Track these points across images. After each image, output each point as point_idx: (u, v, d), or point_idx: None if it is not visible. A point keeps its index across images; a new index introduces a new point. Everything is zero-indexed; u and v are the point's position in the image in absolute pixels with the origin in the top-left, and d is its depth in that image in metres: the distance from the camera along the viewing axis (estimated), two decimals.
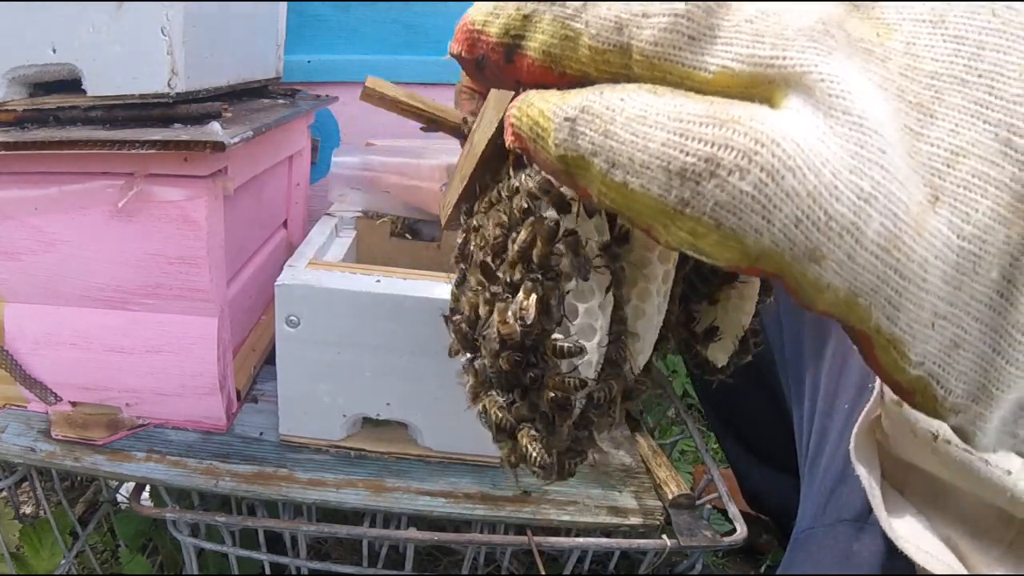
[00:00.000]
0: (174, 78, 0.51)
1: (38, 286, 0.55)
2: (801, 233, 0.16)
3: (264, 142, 0.63)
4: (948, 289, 0.17)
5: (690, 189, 0.17)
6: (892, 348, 0.18)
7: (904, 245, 0.17)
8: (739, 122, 0.16)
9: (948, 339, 0.18)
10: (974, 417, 0.19)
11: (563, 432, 0.30)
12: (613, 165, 0.18)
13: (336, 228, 0.71)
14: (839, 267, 0.17)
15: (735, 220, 0.17)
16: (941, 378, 0.18)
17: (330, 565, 0.59)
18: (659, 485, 0.61)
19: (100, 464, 0.55)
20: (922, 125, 0.17)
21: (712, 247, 0.17)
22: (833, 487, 0.48)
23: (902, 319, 0.17)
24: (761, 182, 0.16)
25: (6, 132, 0.48)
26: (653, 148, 0.17)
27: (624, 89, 0.18)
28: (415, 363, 0.56)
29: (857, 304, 0.17)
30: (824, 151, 0.16)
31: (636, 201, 0.18)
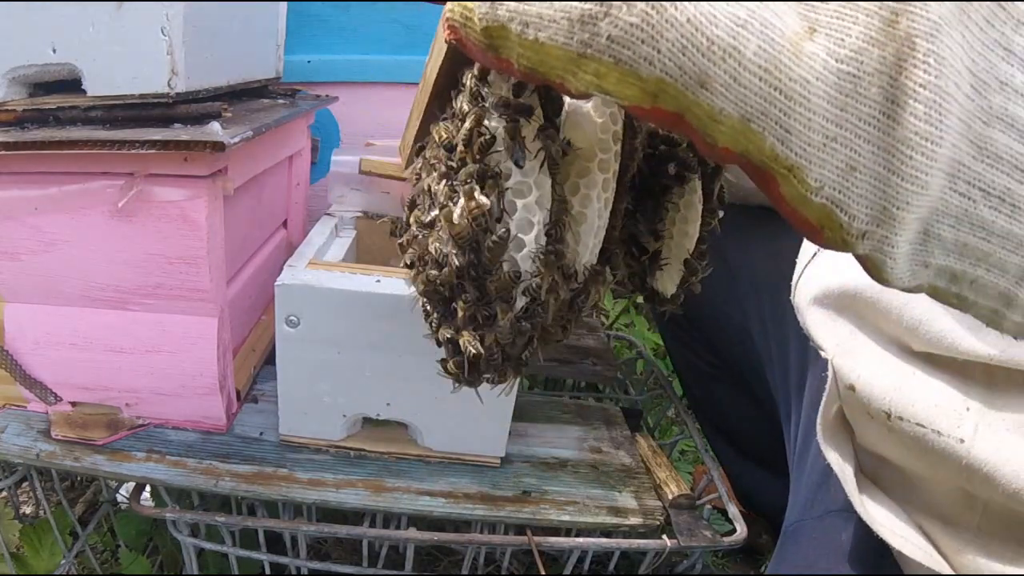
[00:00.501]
0: (174, 78, 0.51)
1: (38, 286, 0.55)
2: (687, 59, 0.18)
3: (264, 142, 0.63)
4: (834, 111, 0.19)
5: (588, 31, 0.19)
6: (792, 176, 0.19)
7: (783, 66, 0.18)
8: None
9: (843, 162, 0.19)
10: (880, 242, 0.20)
11: (505, 325, 0.32)
12: (526, 25, 0.21)
13: (336, 228, 0.71)
14: (726, 90, 0.18)
15: (628, 53, 0.19)
16: (842, 204, 0.20)
17: (330, 565, 0.59)
18: (659, 485, 0.61)
19: (100, 464, 0.55)
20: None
21: (614, 85, 0.20)
22: (820, 480, 0.48)
23: (794, 141, 0.19)
24: (646, 13, 0.18)
25: (6, 132, 0.48)
26: (557, 3, 0.20)
27: None
28: (415, 363, 0.56)
29: (751, 130, 0.19)
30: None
31: (547, 54, 0.21)
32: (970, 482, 0.36)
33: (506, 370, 0.35)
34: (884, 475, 0.43)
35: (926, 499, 0.40)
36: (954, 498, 0.39)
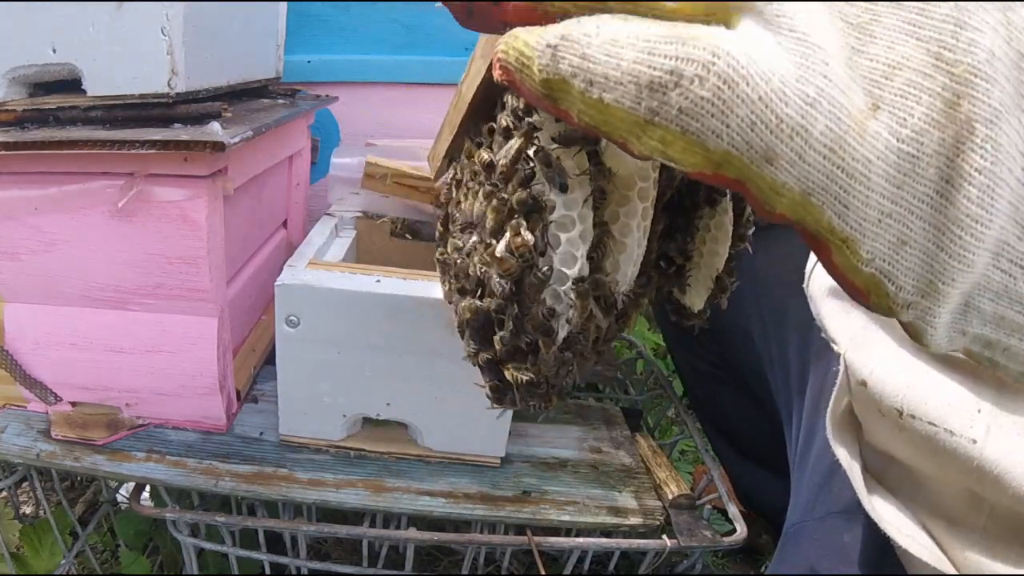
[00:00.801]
0: (174, 78, 0.51)
1: (38, 286, 0.55)
2: (756, 135, 0.18)
3: (264, 142, 0.63)
4: (891, 188, 0.19)
5: (657, 99, 0.19)
6: (846, 247, 0.20)
7: (848, 145, 0.19)
8: (698, 39, 0.19)
9: (895, 236, 0.20)
10: (924, 312, 0.21)
11: (549, 358, 0.32)
12: (590, 84, 0.20)
13: (336, 228, 0.71)
14: (791, 166, 0.19)
15: (697, 125, 0.19)
16: (891, 275, 0.20)
17: (330, 565, 0.59)
18: (659, 485, 0.61)
19: (100, 464, 0.55)
20: (862, 43, 0.19)
21: (679, 153, 0.19)
22: (822, 482, 0.48)
23: (851, 217, 0.19)
24: (718, 88, 0.18)
25: (6, 132, 0.48)
26: (625, 65, 0.19)
27: (599, 18, 0.21)
28: (415, 363, 0.56)
29: (811, 203, 0.19)
30: (773, 62, 0.18)
31: (611, 115, 0.20)
32: (980, 483, 0.36)
33: (551, 397, 0.35)
34: (890, 474, 0.43)
35: (932, 499, 0.40)
36: (961, 499, 0.39)
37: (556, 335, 0.32)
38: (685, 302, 0.40)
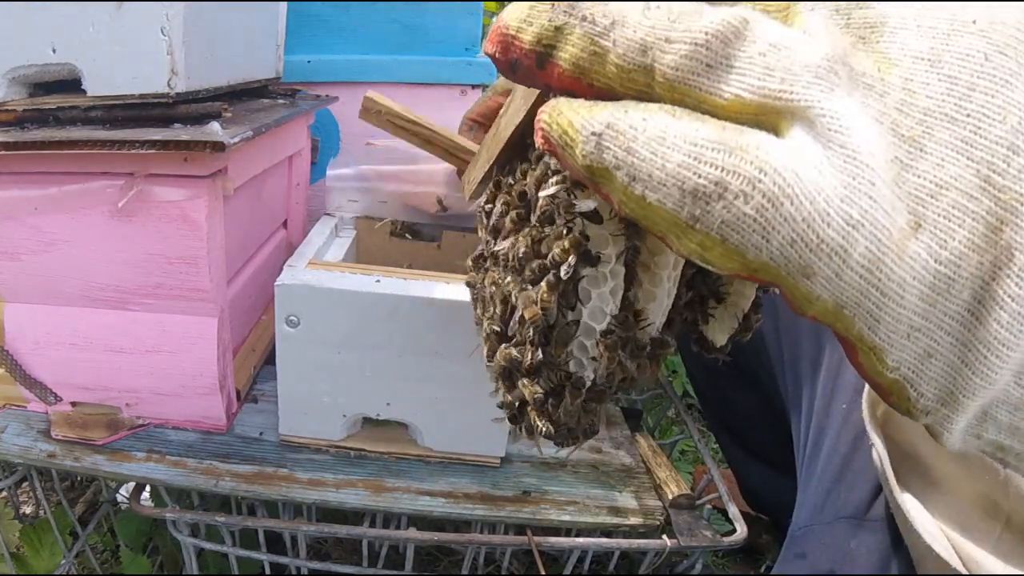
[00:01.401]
0: (174, 78, 0.51)
1: (38, 286, 0.55)
2: (795, 252, 0.18)
3: (264, 142, 0.63)
4: (923, 306, 0.19)
5: (700, 207, 0.19)
6: (872, 354, 0.20)
7: (885, 267, 0.19)
8: (746, 151, 0.18)
9: (922, 349, 0.20)
10: (942, 419, 0.21)
11: (575, 408, 0.32)
12: (634, 179, 0.20)
13: (336, 228, 0.71)
14: (827, 283, 0.19)
15: (738, 238, 0.19)
16: (915, 383, 0.20)
17: (330, 565, 0.59)
18: (659, 485, 0.61)
19: (100, 464, 0.55)
20: (912, 158, 0.19)
21: (717, 258, 0.19)
22: (831, 486, 0.48)
23: (881, 330, 0.19)
24: (762, 207, 0.18)
25: (6, 132, 0.48)
26: (670, 167, 0.19)
27: (647, 109, 0.20)
28: (415, 363, 0.56)
29: (842, 314, 0.19)
30: (820, 181, 0.18)
31: (653, 212, 0.20)
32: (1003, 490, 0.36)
33: (578, 436, 0.35)
34: (904, 472, 0.43)
35: (948, 503, 0.40)
36: (978, 505, 0.39)
37: (583, 387, 0.32)
38: (707, 334, 0.39)
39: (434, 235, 0.74)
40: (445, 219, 0.71)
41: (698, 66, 0.19)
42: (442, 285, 0.55)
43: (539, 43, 0.23)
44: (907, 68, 0.19)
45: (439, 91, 0.87)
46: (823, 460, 0.50)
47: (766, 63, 0.19)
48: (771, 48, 0.19)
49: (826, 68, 0.18)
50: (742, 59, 0.19)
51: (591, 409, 0.33)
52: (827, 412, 0.52)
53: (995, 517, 0.38)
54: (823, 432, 0.51)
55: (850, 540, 0.45)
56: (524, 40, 0.23)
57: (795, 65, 0.18)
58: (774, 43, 0.19)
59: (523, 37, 0.23)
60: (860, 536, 0.44)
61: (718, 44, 0.19)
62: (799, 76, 0.18)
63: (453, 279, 0.56)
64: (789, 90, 0.18)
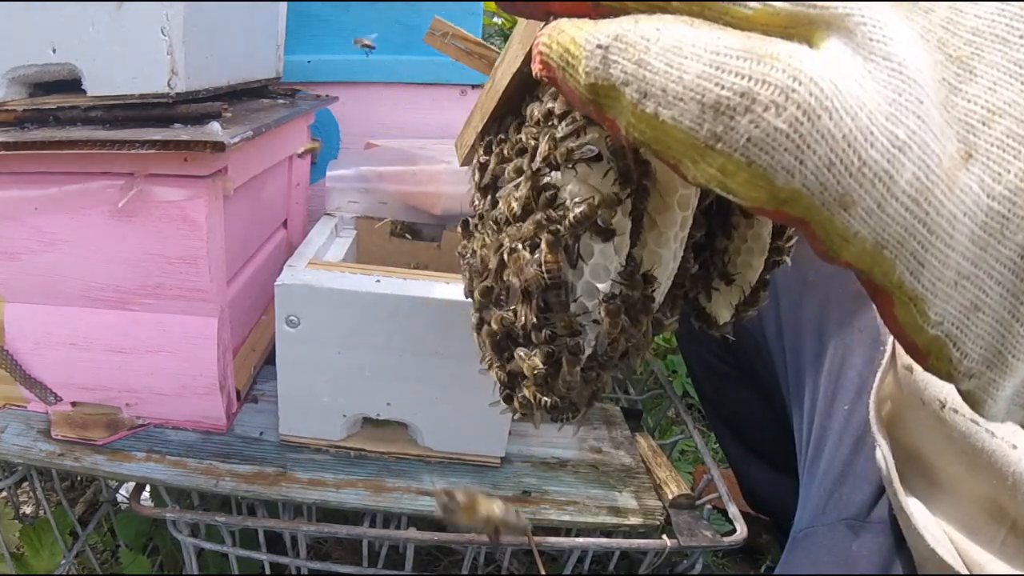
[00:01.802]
0: (174, 78, 0.51)
1: (38, 286, 0.55)
2: (833, 177, 0.16)
3: (264, 142, 0.63)
4: (974, 249, 0.17)
5: (723, 123, 0.16)
6: (913, 305, 0.18)
7: (935, 199, 0.16)
8: (777, 58, 0.16)
9: (969, 301, 0.18)
10: (987, 384, 0.19)
11: (574, 377, 0.30)
12: (645, 95, 0.17)
13: (336, 228, 0.71)
14: (868, 215, 0.16)
15: (767, 158, 0.16)
16: (958, 340, 0.18)
17: (330, 565, 0.59)
18: (659, 485, 0.61)
19: (100, 464, 0.55)
20: (960, 80, 0.17)
21: (741, 186, 0.17)
22: (833, 488, 0.48)
23: (925, 275, 0.17)
24: (797, 120, 0.16)
25: (6, 132, 0.48)
26: (688, 79, 0.17)
27: (661, 19, 0.18)
28: (415, 363, 0.56)
29: (882, 256, 0.17)
30: (861, 95, 0.16)
31: (666, 134, 0.18)
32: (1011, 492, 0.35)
33: (579, 408, 0.33)
34: (908, 473, 0.43)
35: (951, 505, 0.40)
36: (983, 508, 0.38)
37: (581, 354, 0.30)
38: (710, 310, 0.37)
39: (434, 235, 0.74)
40: (445, 219, 0.71)
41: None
42: (442, 285, 0.55)
43: None
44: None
45: (439, 91, 0.87)
46: (825, 462, 0.50)
47: None
48: None
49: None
50: None
51: (591, 379, 0.31)
52: (829, 413, 0.51)
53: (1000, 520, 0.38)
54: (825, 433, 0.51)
55: (852, 542, 0.45)
56: None
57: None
58: None
59: None
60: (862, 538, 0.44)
61: None
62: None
63: (453, 279, 0.56)
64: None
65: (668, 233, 0.30)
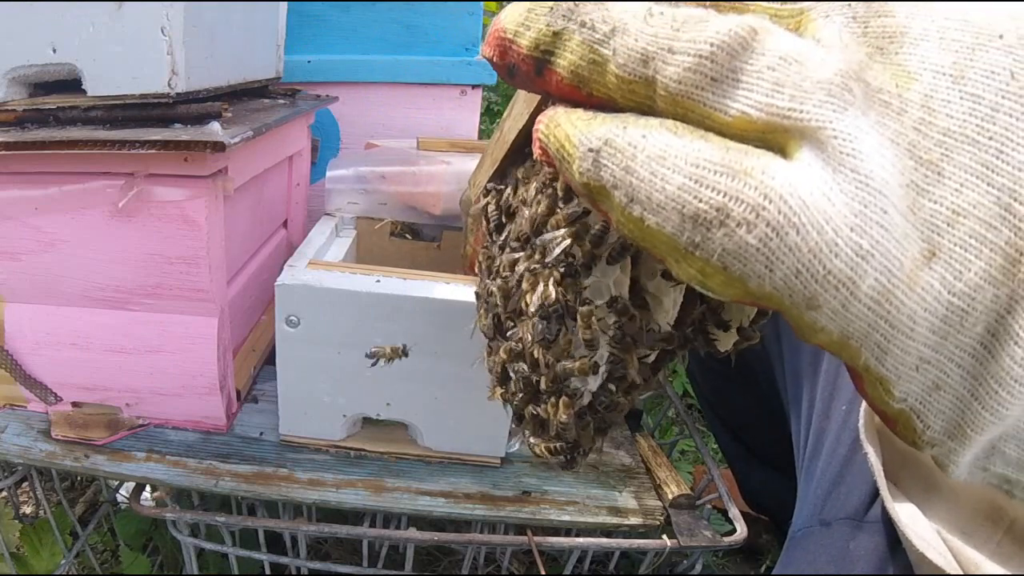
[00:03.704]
0: (174, 78, 0.51)
1: (38, 286, 0.55)
2: (800, 283, 0.17)
3: (264, 142, 0.63)
4: (934, 338, 0.18)
5: (700, 234, 0.18)
6: (879, 384, 0.19)
7: (895, 299, 0.18)
8: (751, 175, 0.17)
9: (931, 381, 0.19)
10: (948, 451, 0.20)
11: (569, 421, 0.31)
12: (632, 200, 0.19)
13: (336, 228, 0.71)
14: (833, 315, 0.18)
15: (740, 267, 0.18)
16: (922, 414, 0.20)
17: (330, 565, 0.59)
18: (659, 485, 0.61)
19: (100, 464, 0.55)
20: (928, 182, 0.18)
21: (718, 285, 0.18)
22: (830, 488, 0.48)
23: (889, 361, 0.19)
24: (767, 236, 0.17)
25: (6, 132, 0.48)
26: (670, 190, 0.18)
27: (647, 125, 0.19)
28: (415, 363, 0.56)
29: (849, 345, 0.18)
30: (828, 208, 0.17)
31: (651, 235, 0.19)
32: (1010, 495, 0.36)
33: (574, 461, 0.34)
34: (905, 476, 0.43)
35: (947, 507, 0.40)
36: (980, 511, 0.38)
37: (578, 398, 0.31)
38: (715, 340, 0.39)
39: (434, 235, 0.74)
40: (445, 219, 0.71)
41: (702, 80, 0.18)
42: (442, 285, 0.55)
43: (537, 48, 0.21)
44: (927, 83, 0.18)
45: (439, 91, 0.87)
46: (823, 462, 0.50)
47: (775, 78, 0.17)
48: (780, 62, 0.17)
49: (839, 85, 0.17)
50: (749, 73, 0.18)
51: (586, 424, 0.32)
52: (827, 414, 0.51)
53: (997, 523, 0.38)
54: (823, 434, 0.51)
55: (849, 541, 0.45)
56: (522, 45, 0.22)
57: (806, 81, 0.17)
58: (784, 56, 0.17)
59: (520, 42, 0.22)
60: (859, 538, 0.44)
61: (724, 56, 0.18)
62: (810, 94, 0.17)
63: (453, 279, 0.56)
64: (799, 108, 0.17)
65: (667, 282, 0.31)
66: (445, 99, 0.87)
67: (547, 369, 0.31)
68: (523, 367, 0.32)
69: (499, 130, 0.39)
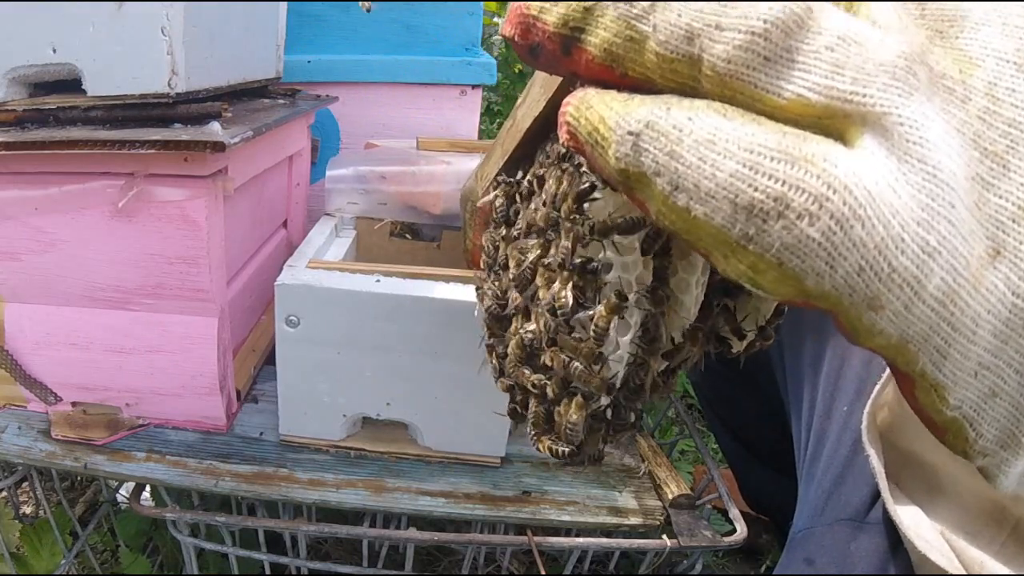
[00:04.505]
0: (174, 78, 0.51)
1: (38, 286, 0.55)
2: (863, 281, 0.16)
3: (264, 142, 0.63)
4: (995, 342, 0.17)
5: (755, 226, 0.16)
6: (933, 391, 0.18)
7: (960, 300, 0.17)
8: (812, 162, 0.16)
9: (988, 387, 0.18)
10: (1000, 462, 0.19)
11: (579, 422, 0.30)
12: (676, 188, 0.17)
13: (336, 228, 0.71)
14: (895, 316, 0.17)
15: (798, 262, 0.16)
16: (975, 422, 0.19)
17: (330, 565, 0.59)
18: (659, 485, 0.61)
19: (100, 464, 0.55)
20: (994, 175, 0.17)
21: (771, 283, 0.17)
22: (831, 488, 0.48)
23: (947, 366, 0.17)
24: (830, 230, 0.16)
25: (6, 132, 0.48)
26: (721, 177, 0.17)
27: (692, 107, 0.17)
28: (415, 363, 0.56)
29: (907, 349, 0.17)
30: (895, 201, 0.16)
31: (698, 227, 0.17)
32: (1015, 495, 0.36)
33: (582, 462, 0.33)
34: (907, 477, 0.43)
35: (951, 508, 0.40)
36: (984, 511, 0.38)
37: (594, 400, 0.30)
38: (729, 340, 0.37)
39: (434, 235, 0.74)
40: (445, 219, 0.71)
41: (754, 59, 0.17)
42: (442, 285, 0.55)
43: (565, 25, 0.20)
44: (991, 70, 0.17)
45: (439, 91, 0.87)
46: (823, 463, 0.50)
47: (835, 59, 0.16)
48: (840, 42, 0.16)
49: (904, 68, 0.16)
50: (806, 53, 0.16)
51: (596, 429, 0.31)
52: (828, 415, 0.51)
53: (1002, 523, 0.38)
54: (824, 435, 0.51)
55: (850, 543, 0.45)
56: (548, 22, 0.20)
57: (868, 63, 0.16)
58: (843, 36, 0.16)
59: (546, 18, 0.20)
60: (859, 539, 0.44)
61: (779, 34, 0.16)
62: (874, 77, 0.16)
63: (453, 279, 0.56)
64: (862, 92, 0.16)
65: (691, 280, 0.30)
66: (445, 99, 0.87)
67: (564, 368, 0.29)
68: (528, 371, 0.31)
69: (511, 118, 0.37)
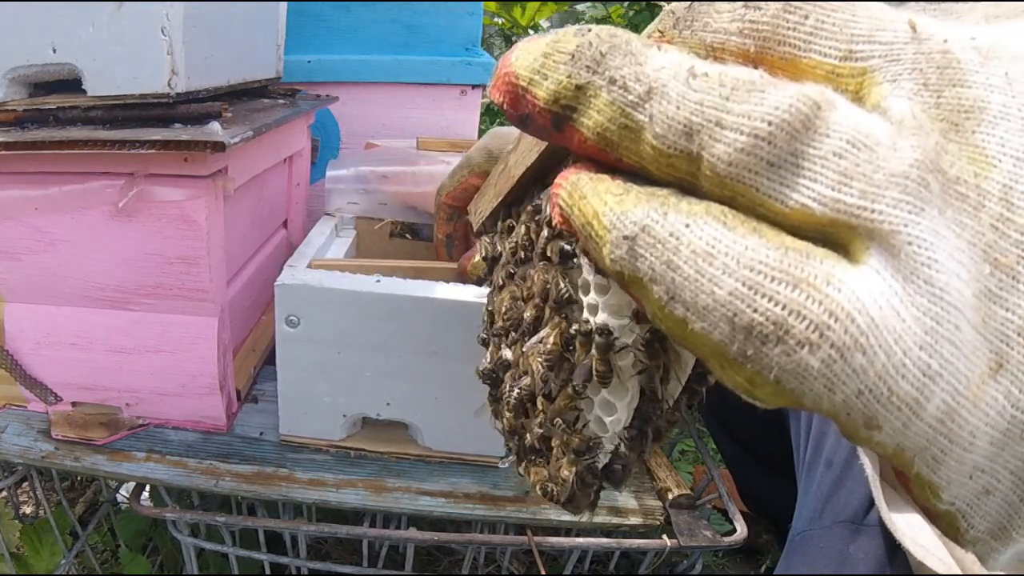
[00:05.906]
0: (174, 78, 0.50)
1: (38, 286, 0.55)
2: (861, 404, 0.16)
3: (264, 142, 0.63)
4: (992, 450, 0.17)
5: (754, 347, 0.16)
6: (927, 488, 0.18)
7: (959, 417, 0.16)
8: (814, 286, 0.15)
9: (982, 487, 0.18)
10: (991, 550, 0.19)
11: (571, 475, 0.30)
12: (673, 298, 0.17)
13: (336, 228, 0.71)
14: (892, 432, 0.16)
15: (797, 384, 0.16)
16: (968, 516, 0.19)
17: (330, 565, 0.59)
18: (659, 485, 0.61)
19: (100, 464, 0.55)
20: (1002, 288, 0.16)
21: (767, 396, 0.17)
22: (830, 491, 0.48)
23: (942, 471, 0.17)
24: (830, 358, 0.15)
25: (6, 132, 0.48)
26: (720, 295, 0.16)
27: (691, 213, 0.17)
28: (415, 363, 0.56)
29: (903, 455, 0.17)
30: (898, 326, 0.15)
31: (695, 339, 0.17)
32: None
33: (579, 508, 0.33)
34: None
35: None
36: None
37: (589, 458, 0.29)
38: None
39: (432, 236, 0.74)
40: None
41: (757, 164, 0.16)
42: (442, 285, 0.55)
43: (556, 103, 0.19)
44: (1007, 172, 0.16)
45: (439, 91, 0.87)
46: (822, 466, 0.50)
47: (842, 168, 0.15)
48: (849, 147, 0.15)
49: (916, 180, 0.15)
50: (812, 158, 0.16)
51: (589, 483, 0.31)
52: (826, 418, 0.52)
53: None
54: (823, 438, 0.51)
55: (848, 545, 0.45)
56: (537, 96, 0.19)
57: (878, 173, 0.15)
58: (852, 140, 0.15)
59: (536, 92, 0.19)
60: (858, 541, 0.44)
61: (784, 138, 0.16)
62: (883, 190, 0.15)
63: (454, 279, 0.56)
64: (870, 207, 0.15)
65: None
66: (445, 99, 0.87)
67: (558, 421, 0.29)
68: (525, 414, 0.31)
69: (503, 162, 0.36)
